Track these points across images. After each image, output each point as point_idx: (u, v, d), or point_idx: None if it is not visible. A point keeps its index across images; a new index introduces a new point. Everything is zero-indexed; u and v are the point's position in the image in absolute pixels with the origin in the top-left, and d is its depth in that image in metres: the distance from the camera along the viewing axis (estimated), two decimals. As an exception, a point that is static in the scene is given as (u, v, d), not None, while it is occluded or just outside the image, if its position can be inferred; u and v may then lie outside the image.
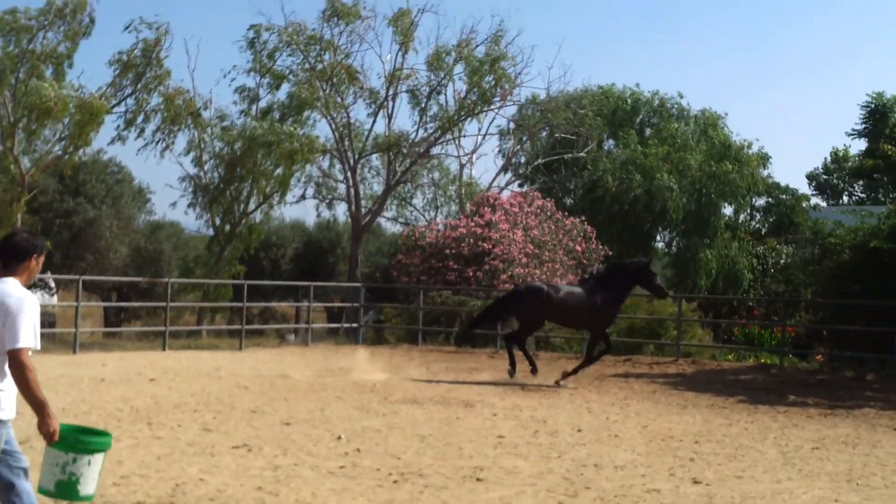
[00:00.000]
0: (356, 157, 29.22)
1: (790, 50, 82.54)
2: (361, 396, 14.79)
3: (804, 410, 15.42)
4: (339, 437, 11.01)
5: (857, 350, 21.66)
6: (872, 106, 19.68)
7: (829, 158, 52.56)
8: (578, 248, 28.32)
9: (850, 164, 38.86)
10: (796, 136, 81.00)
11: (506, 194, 30.99)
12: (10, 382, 5.20)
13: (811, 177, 54.45)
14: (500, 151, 36.12)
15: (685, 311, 24.49)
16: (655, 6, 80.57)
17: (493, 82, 28.72)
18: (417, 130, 29.51)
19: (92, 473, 5.41)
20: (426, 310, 25.15)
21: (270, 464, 9.52)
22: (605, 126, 35.11)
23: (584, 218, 29.63)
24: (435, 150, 31.05)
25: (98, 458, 5.46)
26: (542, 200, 29.10)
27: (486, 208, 27.77)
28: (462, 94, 29.22)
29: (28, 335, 5.17)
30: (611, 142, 36.65)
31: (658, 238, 37.30)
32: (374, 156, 30.85)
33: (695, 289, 33.56)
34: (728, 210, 36.57)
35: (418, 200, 34.03)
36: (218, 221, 27.50)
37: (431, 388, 16.14)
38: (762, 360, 22.42)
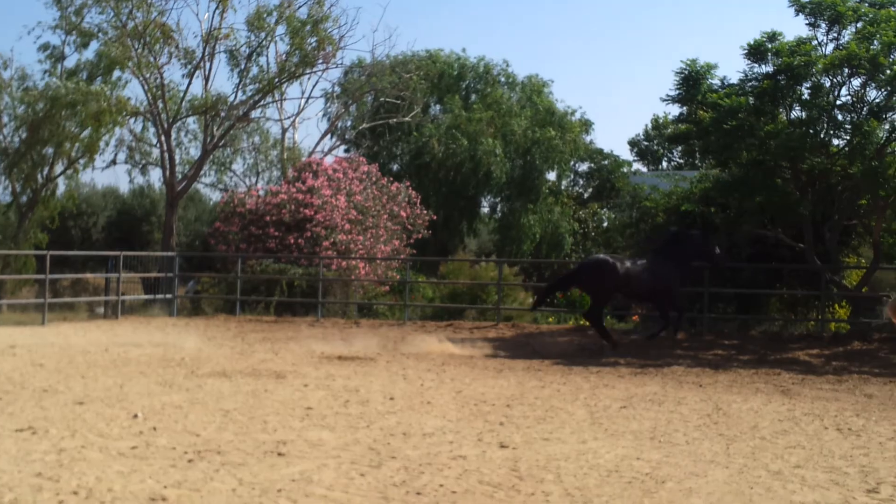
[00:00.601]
0: (170, 119, 27.88)
1: (615, 18, 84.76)
2: (166, 371, 14.02)
3: (616, 370, 15.65)
4: (136, 416, 10.31)
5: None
6: (686, 72, 20.02)
7: (649, 125, 54.31)
8: (403, 213, 28.06)
9: (668, 130, 39.98)
10: (620, 104, 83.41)
11: (330, 159, 30.35)
12: None
13: (633, 143, 56.06)
14: (324, 115, 35.42)
15: (507, 276, 24.60)
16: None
17: (315, 44, 27.87)
18: (237, 93, 28.42)
19: None
20: (245, 279, 24.35)
21: (55, 447, 8.76)
22: (432, 91, 34.89)
23: (409, 183, 29.36)
24: (255, 114, 30.01)
25: None
26: (368, 166, 28.64)
27: (308, 174, 27.09)
28: (284, 57, 28.28)
29: None
30: (437, 107, 36.46)
31: (483, 203, 37.49)
32: (190, 119, 29.56)
33: (519, 253, 33.92)
34: (551, 175, 37.10)
35: (238, 166, 33.01)
36: (18, 188, 25.68)
37: (243, 360, 15.52)
38: (581, 322, 22.73)
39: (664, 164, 52.95)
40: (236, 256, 24.71)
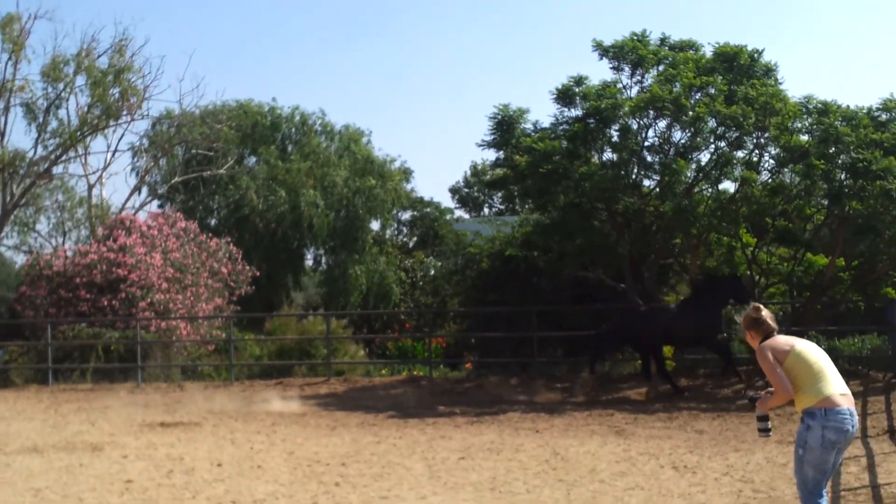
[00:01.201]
0: (-36, 179, 26.11)
1: (429, 67, 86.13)
2: (-33, 451, 12.81)
3: (452, 420, 15.44)
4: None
5: (500, 356, 22.34)
6: (500, 117, 20.23)
7: (468, 172, 55.19)
8: (224, 269, 27.11)
9: (487, 176, 40.58)
10: (439, 152, 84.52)
11: (142, 216, 29.08)
12: None
13: (454, 190, 56.79)
14: (132, 170, 33.91)
15: (335, 329, 24.10)
16: (292, 21, 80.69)
17: (118, 95, 26.69)
18: (36, 148, 26.83)
19: None
20: (56, 346, 22.85)
21: None
22: (245, 142, 34.08)
23: (229, 239, 28.47)
24: (57, 170, 28.39)
25: None
26: (185, 222, 27.58)
27: (119, 231, 25.80)
28: (85, 109, 26.95)
29: None
30: (252, 159, 35.64)
31: (308, 255, 36.83)
32: (-13, 178, 27.69)
33: (347, 305, 33.43)
34: (375, 225, 36.86)
35: (43, 226, 31.04)
36: None
37: (56, 433, 14.42)
38: (414, 373, 22.51)
39: (486, 210, 53.86)
40: (45, 322, 23.19)
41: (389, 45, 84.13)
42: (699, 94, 19.15)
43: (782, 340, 6.70)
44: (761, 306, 6.88)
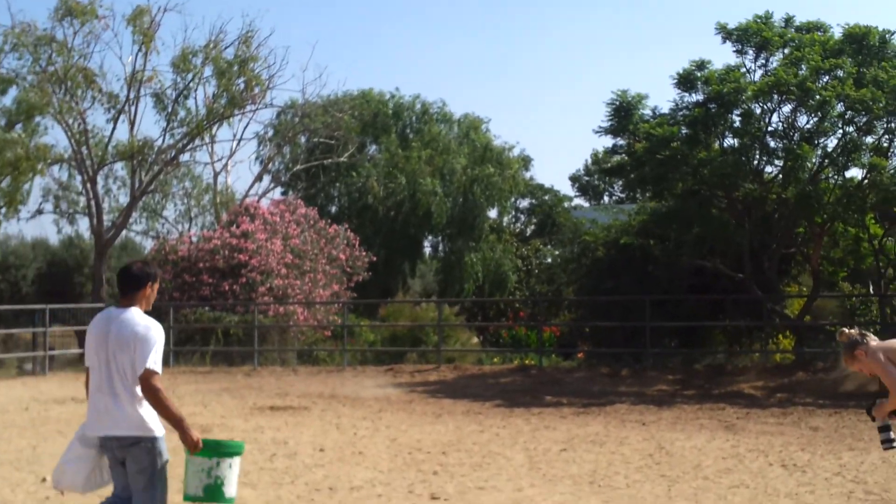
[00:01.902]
0: (95, 166, 27.09)
1: (551, 54, 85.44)
2: (85, 428, 13.27)
3: (558, 410, 15.21)
4: (44, 480, 9.63)
5: (613, 346, 21.96)
6: (618, 103, 19.84)
7: (589, 160, 54.51)
8: (342, 256, 27.50)
9: (607, 165, 39.99)
10: (560, 139, 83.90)
11: (265, 202, 29.73)
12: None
13: (574, 178, 56.25)
14: (257, 158, 34.75)
15: (448, 316, 24.13)
16: (413, 12, 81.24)
17: (243, 85, 27.31)
18: (164, 137, 27.72)
19: (233, 476, 5.82)
20: (178, 328, 23.58)
21: (-50, 517, 8.10)
22: (367, 130, 34.48)
23: (347, 225, 28.86)
24: (184, 158, 29.28)
25: (237, 461, 5.86)
26: (306, 209, 28.10)
27: (243, 218, 26.45)
28: (211, 98, 27.68)
29: (155, 360, 5.50)
30: (373, 147, 36.04)
31: (426, 243, 37.06)
32: (118, 165, 28.74)
33: (462, 293, 33.49)
34: (492, 213, 36.83)
35: (170, 212, 32.06)
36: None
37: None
38: (525, 362, 22.35)
39: (605, 198, 53.14)
40: (169, 305, 23.95)
41: (510, 32, 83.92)
42: (826, 78, 18.35)
43: (893, 340, 6.31)
44: (844, 330, 6.47)
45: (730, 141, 19.27)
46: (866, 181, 18.12)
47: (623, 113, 19.88)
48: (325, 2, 75.55)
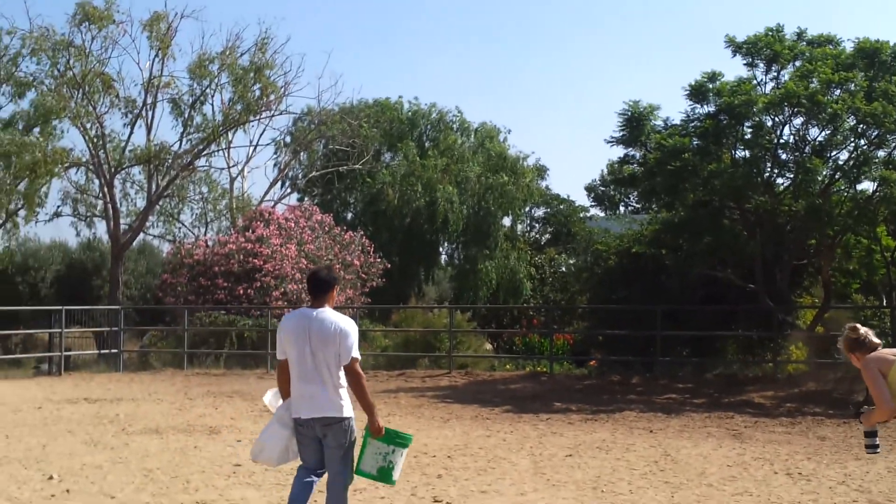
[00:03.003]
0: (113, 170, 27.38)
1: (566, 66, 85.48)
2: (96, 429, 13.48)
3: (566, 417, 15.31)
4: (51, 477, 9.81)
5: (624, 354, 22.01)
6: (629, 114, 19.93)
7: (605, 170, 54.48)
8: (357, 262, 27.66)
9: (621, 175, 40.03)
10: (576, 150, 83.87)
11: (281, 208, 29.97)
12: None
13: (589, 188, 56.20)
14: (274, 164, 35.03)
15: (461, 322, 24.24)
16: (429, 20, 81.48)
17: (259, 92, 27.58)
18: (181, 142, 28.00)
19: (401, 463, 6.86)
20: (193, 331, 23.79)
21: (-42, 512, 8.27)
22: (383, 138, 34.67)
23: (362, 232, 29.04)
24: (201, 163, 29.56)
25: (405, 452, 6.90)
26: (321, 215, 28.30)
27: (258, 222, 26.67)
28: (227, 104, 27.93)
29: (357, 350, 6.54)
30: (389, 154, 36.23)
31: (441, 250, 37.16)
32: (135, 169, 29.04)
33: (476, 300, 33.59)
34: (507, 221, 36.89)
35: (186, 216, 32.33)
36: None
37: (180, 416, 14.99)
38: (537, 369, 22.43)
39: (621, 208, 53.09)
40: (184, 309, 24.16)
41: (526, 42, 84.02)
42: (838, 91, 18.37)
43: (889, 351, 6.39)
44: (858, 325, 6.57)
45: (741, 153, 19.30)
46: (877, 194, 18.13)
47: (635, 123, 19.96)
48: (341, 10, 75.85)
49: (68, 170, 27.70)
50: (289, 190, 34.11)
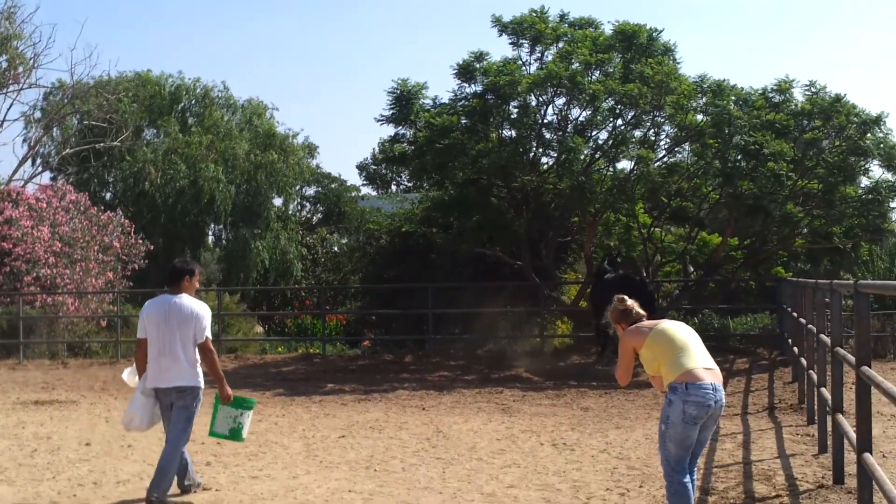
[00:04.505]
0: None
1: (338, 42, 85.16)
2: None
3: (339, 398, 15.15)
4: None
5: (397, 333, 22.09)
6: (398, 92, 19.87)
7: (377, 149, 54.63)
8: (116, 243, 26.26)
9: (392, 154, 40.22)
10: (349, 128, 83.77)
11: (31, 188, 28.02)
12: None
13: (361, 167, 56.12)
14: (23, 141, 32.69)
15: (229, 305, 23.54)
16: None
17: (6, 64, 25.63)
18: (-84, 115, 25.66)
19: (248, 424, 8.33)
20: (-67, 321, 21.86)
21: None
22: (144, 114, 33.11)
23: (122, 212, 27.59)
24: (-59, 138, 27.22)
25: (250, 414, 8.37)
26: (76, 195, 26.62)
27: (6, 203, 24.77)
28: (-30, 77, 25.84)
29: (210, 330, 7.91)
30: (151, 131, 34.68)
31: (209, 231, 36.02)
32: None
33: (247, 281, 32.82)
34: (278, 201, 36.24)
35: (-74, 197, 29.61)
36: None
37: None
38: (310, 351, 22.13)
39: (393, 187, 53.44)
40: (-79, 297, 22.16)
41: (294, 19, 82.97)
42: (598, 73, 19.06)
43: (646, 323, 6.64)
44: (625, 297, 6.79)
45: (508, 132, 19.66)
46: (635, 172, 18.99)
47: (404, 102, 19.90)
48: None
49: None
50: (40, 168, 31.99)
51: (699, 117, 19.05)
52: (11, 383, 17.53)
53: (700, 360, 6.38)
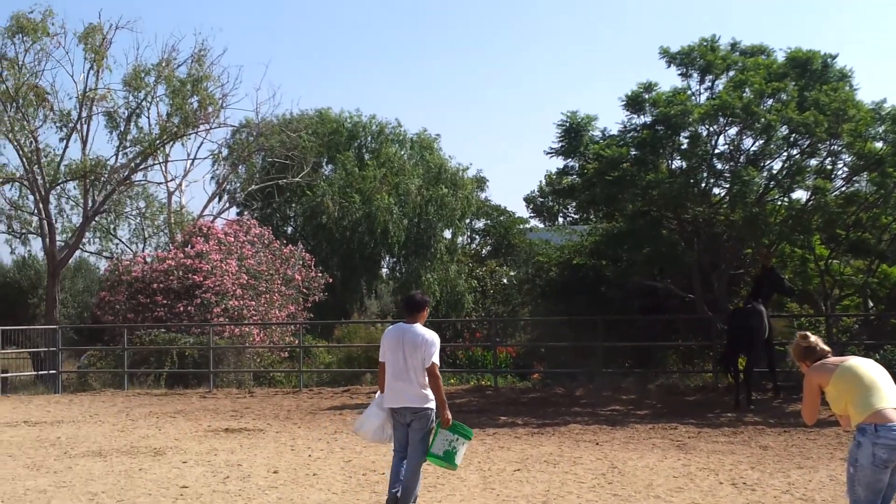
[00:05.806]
0: (48, 185, 26.85)
1: (505, 79, 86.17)
2: (38, 452, 13.20)
3: (513, 431, 15.33)
4: (-7, 505, 9.59)
5: (567, 366, 22.13)
6: (567, 125, 20.06)
7: (544, 181, 54.95)
8: (298, 276, 27.47)
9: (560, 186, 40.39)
10: (517, 161, 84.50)
11: (220, 223, 29.64)
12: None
13: (528, 200, 56.60)
14: (212, 178, 34.65)
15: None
16: (362, 31, 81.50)
17: (197, 104, 27.26)
18: (117, 156, 27.56)
19: (462, 452, 8.73)
20: (132, 350, 23.40)
21: None
22: (322, 149, 34.52)
23: (302, 245, 28.85)
24: (138, 177, 29.10)
25: (467, 443, 8.76)
26: (260, 228, 28.04)
27: (198, 238, 26.35)
28: (164, 117, 27.57)
29: (437, 357, 8.41)
30: (329, 167, 36.08)
31: (383, 263, 37.07)
32: (71, 184, 28.50)
33: (419, 313, 33.49)
34: (447, 233, 36.93)
35: (124, 232, 31.77)
36: None
37: (123, 437, 14.74)
38: (481, 383, 22.46)
39: (560, 219, 53.53)
40: (123, 327, 23.75)
41: (467, 54, 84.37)
42: (771, 101, 18.72)
43: (832, 359, 6.49)
44: (808, 333, 6.69)
45: (678, 163, 19.53)
46: (811, 203, 18.50)
47: (573, 134, 20.07)
48: (279, 21, 75.57)
49: (2, 186, 27.15)
50: (228, 204, 33.80)
51: (878, 145, 18.39)
52: (203, 411, 18.55)
53: (890, 399, 6.16)
